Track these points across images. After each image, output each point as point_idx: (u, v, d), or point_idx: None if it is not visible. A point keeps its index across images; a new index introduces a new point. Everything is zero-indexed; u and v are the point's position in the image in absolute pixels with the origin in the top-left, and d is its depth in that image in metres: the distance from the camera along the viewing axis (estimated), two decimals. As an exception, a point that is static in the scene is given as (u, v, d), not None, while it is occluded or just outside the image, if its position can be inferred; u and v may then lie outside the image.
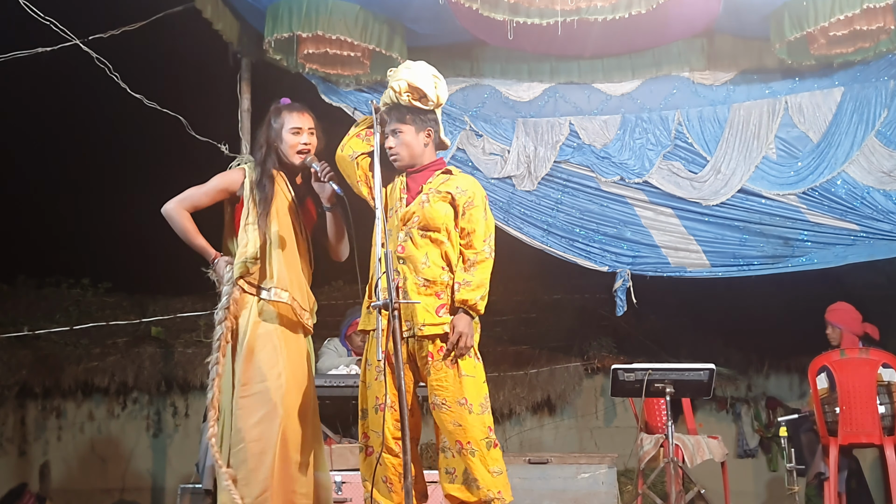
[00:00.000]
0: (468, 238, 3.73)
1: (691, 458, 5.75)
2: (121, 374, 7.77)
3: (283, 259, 3.75)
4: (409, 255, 3.64)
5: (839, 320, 5.93)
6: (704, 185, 6.41)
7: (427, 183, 3.76)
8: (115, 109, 6.91)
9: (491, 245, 3.77)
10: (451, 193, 3.72)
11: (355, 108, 6.37)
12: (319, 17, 5.71)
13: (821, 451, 5.59)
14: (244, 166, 3.87)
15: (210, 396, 3.59)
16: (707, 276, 6.55)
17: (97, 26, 5.94)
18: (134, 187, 8.79)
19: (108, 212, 9.08)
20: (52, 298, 8.74)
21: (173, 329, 8.17)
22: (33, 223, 9.08)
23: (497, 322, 8.71)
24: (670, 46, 6.40)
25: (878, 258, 6.27)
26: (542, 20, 5.45)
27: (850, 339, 5.84)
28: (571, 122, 6.58)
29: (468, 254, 3.72)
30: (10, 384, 7.63)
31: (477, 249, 3.72)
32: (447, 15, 5.72)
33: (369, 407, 3.65)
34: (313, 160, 3.80)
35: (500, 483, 3.56)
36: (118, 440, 7.72)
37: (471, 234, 3.72)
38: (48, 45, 5.79)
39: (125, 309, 8.53)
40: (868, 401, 5.25)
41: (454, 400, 3.58)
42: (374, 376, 3.63)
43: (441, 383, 3.58)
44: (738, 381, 8.02)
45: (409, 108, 3.75)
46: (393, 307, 3.28)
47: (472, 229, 3.72)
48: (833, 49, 5.98)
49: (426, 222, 3.66)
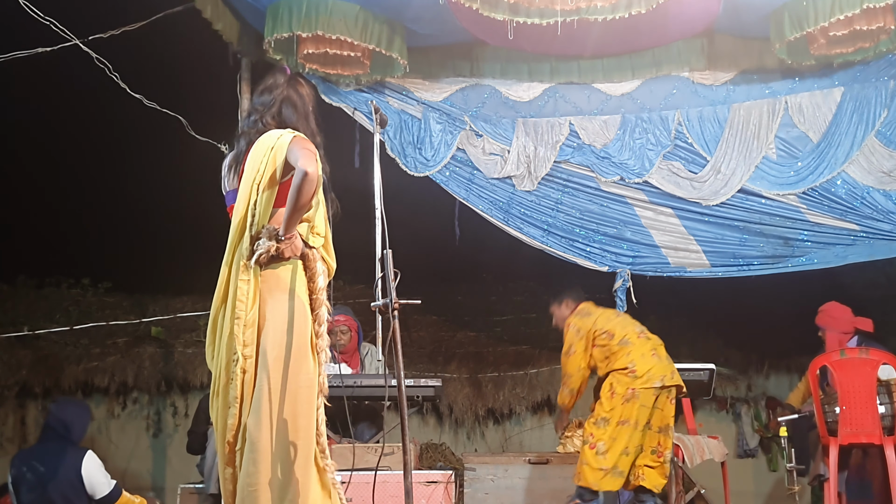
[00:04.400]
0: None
1: (691, 458, 5.75)
2: (121, 374, 7.76)
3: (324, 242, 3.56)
4: None
5: (822, 322, 5.92)
6: (704, 185, 6.41)
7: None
8: (116, 109, 6.91)
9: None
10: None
11: (355, 108, 6.37)
12: (319, 17, 5.71)
13: (821, 452, 5.59)
14: (305, 137, 3.44)
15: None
16: (707, 276, 6.56)
17: (97, 26, 5.94)
18: (134, 187, 8.79)
19: (108, 212, 9.08)
20: (52, 298, 8.74)
21: (173, 329, 8.17)
22: (33, 223, 9.08)
23: (497, 322, 8.72)
24: (670, 46, 6.40)
25: (878, 258, 6.28)
26: (542, 20, 5.45)
27: (837, 339, 5.83)
28: (571, 122, 6.59)
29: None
30: (10, 384, 7.63)
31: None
32: (447, 15, 5.72)
33: None
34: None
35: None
36: (118, 440, 7.71)
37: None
38: (48, 45, 5.79)
39: (125, 309, 8.53)
40: (868, 401, 5.24)
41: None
42: None
43: None
44: (738, 381, 8.02)
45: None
46: (393, 307, 3.28)
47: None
48: (833, 49, 5.98)
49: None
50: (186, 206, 8.93)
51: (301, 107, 3.53)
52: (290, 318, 3.25)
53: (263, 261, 3.24)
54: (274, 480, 3.16)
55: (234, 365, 3.21)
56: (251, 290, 3.24)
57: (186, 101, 6.48)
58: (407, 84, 6.56)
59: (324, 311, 3.33)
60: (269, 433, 3.17)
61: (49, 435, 5.05)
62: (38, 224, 9.10)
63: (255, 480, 3.15)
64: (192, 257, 8.93)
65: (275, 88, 3.55)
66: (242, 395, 3.23)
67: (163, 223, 8.99)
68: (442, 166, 6.52)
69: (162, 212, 8.95)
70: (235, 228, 3.32)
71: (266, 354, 3.21)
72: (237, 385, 3.22)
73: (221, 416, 3.27)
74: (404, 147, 6.51)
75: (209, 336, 3.40)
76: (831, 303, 5.95)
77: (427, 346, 8.27)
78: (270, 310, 3.25)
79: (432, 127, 6.52)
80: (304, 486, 3.19)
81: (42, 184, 8.95)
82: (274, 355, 3.21)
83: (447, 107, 6.58)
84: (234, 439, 3.25)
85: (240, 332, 3.22)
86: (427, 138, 6.51)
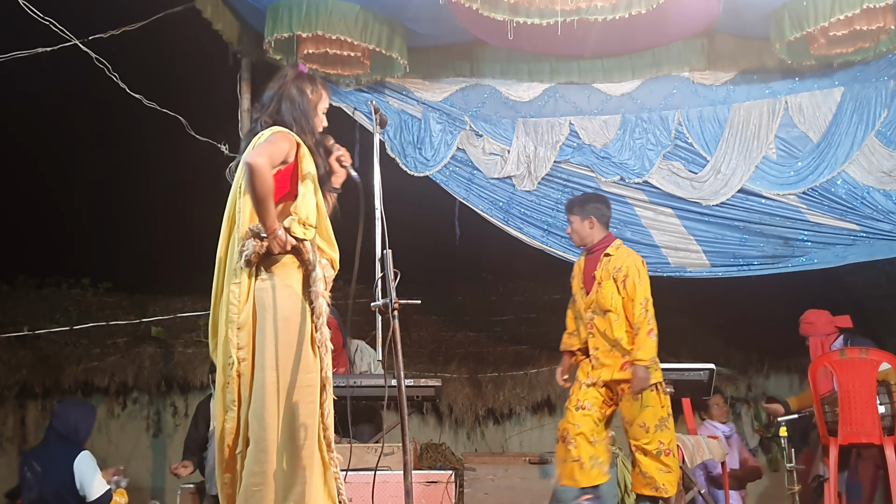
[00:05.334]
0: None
1: (691, 458, 5.75)
2: (121, 374, 7.76)
3: (321, 233, 3.43)
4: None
5: (804, 331, 5.93)
6: (704, 185, 6.41)
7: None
8: (115, 110, 6.92)
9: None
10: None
11: (355, 108, 6.38)
12: (319, 17, 5.71)
13: (820, 452, 5.59)
14: (286, 131, 3.39)
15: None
16: (707, 276, 6.56)
17: (97, 26, 5.94)
18: (134, 187, 8.80)
19: (107, 212, 9.09)
20: (52, 298, 8.74)
21: (173, 329, 8.17)
22: (33, 223, 9.08)
23: (497, 322, 8.72)
24: (670, 46, 6.40)
25: (878, 258, 6.27)
26: (542, 20, 5.45)
27: (820, 342, 5.83)
28: (571, 122, 6.59)
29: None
30: (10, 384, 7.63)
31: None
32: (447, 15, 5.72)
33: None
34: (333, 143, 3.71)
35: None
36: (118, 440, 7.71)
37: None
38: (48, 45, 5.79)
39: (125, 309, 8.53)
40: (868, 401, 5.24)
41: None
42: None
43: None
44: (738, 381, 8.01)
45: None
46: (393, 307, 3.28)
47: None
48: (833, 49, 5.98)
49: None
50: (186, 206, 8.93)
51: (300, 103, 3.46)
52: (284, 315, 3.21)
53: (254, 261, 3.21)
54: (279, 479, 3.15)
55: (230, 368, 3.20)
56: (242, 292, 3.22)
57: (186, 101, 6.48)
58: (407, 84, 6.57)
59: (321, 302, 3.27)
60: (275, 432, 3.15)
61: (50, 435, 5.07)
62: (38, 224, 9.10)
63: (261, 480, 3.14)
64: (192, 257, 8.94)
65: (277, 85, 3.52)
66: (240, 398, 3.21)
67: (163, 223, 8.99)
68: (442, 166, 6.52)
69: (162, 212, 8.95)
70: (223, 231, 3.33)
71: (263, 353, 3.19)
72: (233, 388, 3.21)
73: (220, 420, 3.25)
74: (404, 147, 6.52)
75: (210, 338, 3.39)
76: (808, 311, 5.96)
77: (427, 346, 8.27)
78: (264, 308, 3.22)
79: (432, 127, 6.53)
80: (308, 485, 3.18)
81: (42, 184, 8.96)
82: (271, 353, 3.18)
83: (447, 107, 6.59)
84: (233, 443, 3.23)
85: (233, 335, 3.20)
86: (427, 138, 6.52)
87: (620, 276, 4.77)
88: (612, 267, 4.82)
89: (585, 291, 4.92)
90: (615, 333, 4.76)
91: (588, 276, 4.93)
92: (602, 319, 4.82)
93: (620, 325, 4.77)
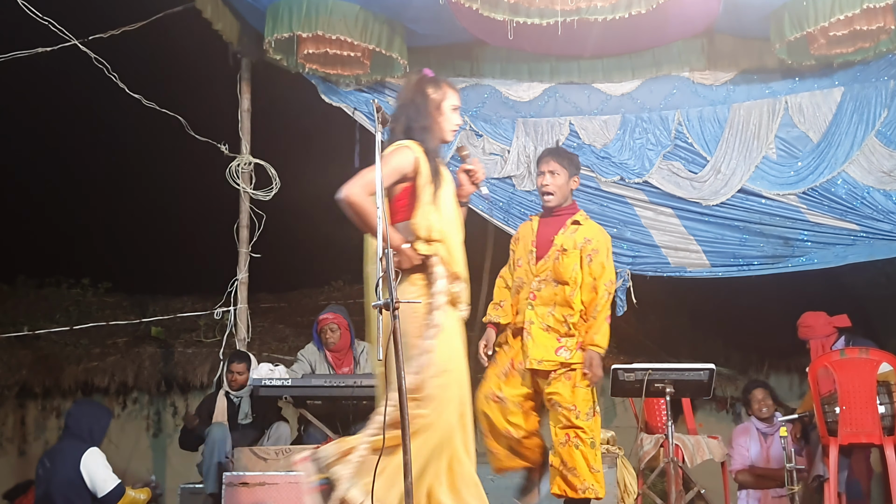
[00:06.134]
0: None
1: (691, 458, 5.76)
2: (121, 374, 7.77)
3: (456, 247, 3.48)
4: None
5: (803, 335, 5.92)
6: (704, 185, 6.41)
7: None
8: (115, 110, 6.92)
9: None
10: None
11: (355, 108, 6.38)
12: (319, 17, 5.71)
13: (820, 452, 5.58)
14: (408, 144, 3.41)
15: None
16: (707, 276, 6.55)
17: (96, 26, 5.94)
18: (134, 187, 8.82)
19: (108, 212, 9.10)
20: (52, 298, 8.75)
21: (173, 329, 8.18)
22: (33, 223, 9.09)
23: (497, 322, 8.70)
24: (670, 46, 6.40)
25: (878, 258, 6.27)
26: (542, 20, 5.45)
27: (821, 344, 5.82)
28: (571, 122, 6.59)
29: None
30: (10, 384, 7.64)
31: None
32: (447, 15, 5.72)
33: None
34: (468, 154, 3.73)
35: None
36: (118, 440, 7.71)
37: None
38: (47, 45, 5.79)
39: (125, 309, 8.54)
40: (868, 401, 5.24)
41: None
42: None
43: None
44: (738, 381, 8.02)
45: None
46: (393, 307, 3.27)
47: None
48: (833, 49, 5.98)
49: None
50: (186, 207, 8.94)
51: (423, 107, 3.46)
52: (401, 328, 3.22)
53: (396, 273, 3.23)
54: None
55: (383, 398, 3.33)
56: (382, 312, 3.22)
57: (186, 101, 6.49)
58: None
59: (436, 315, 3.43)
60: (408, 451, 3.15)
61: (64, 434, 5.15)
62: (38, 224, 9.12)
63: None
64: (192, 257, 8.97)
65: (402, 94, 3.55)
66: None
67: (163, 223, 9.00)
68: (442, 166, 6.51)
69: (162, 212, 8.96)
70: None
71: (389, 371, 3.30)
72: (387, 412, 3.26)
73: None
74: (404, 147, 6.51)
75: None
76: (805, 314, 5.95)
77: (427, 346, 8.26)
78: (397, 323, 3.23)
79: (432, 127, 6.52)
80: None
81: (42, 184, 8.97)
82: (391, 369, 3.26)
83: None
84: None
85: (375, 356, 3.27)
86: (427, 138, 6.51)
87: (588, 250, 4.32)
88: (581, 237, 4.37)
89: (536, 257, 4.41)
90: (573, 306, 4.28)
91: (544, 241, 4.43)
92: (552, 290, 4.33)
93: (576, 300, 4.29)
